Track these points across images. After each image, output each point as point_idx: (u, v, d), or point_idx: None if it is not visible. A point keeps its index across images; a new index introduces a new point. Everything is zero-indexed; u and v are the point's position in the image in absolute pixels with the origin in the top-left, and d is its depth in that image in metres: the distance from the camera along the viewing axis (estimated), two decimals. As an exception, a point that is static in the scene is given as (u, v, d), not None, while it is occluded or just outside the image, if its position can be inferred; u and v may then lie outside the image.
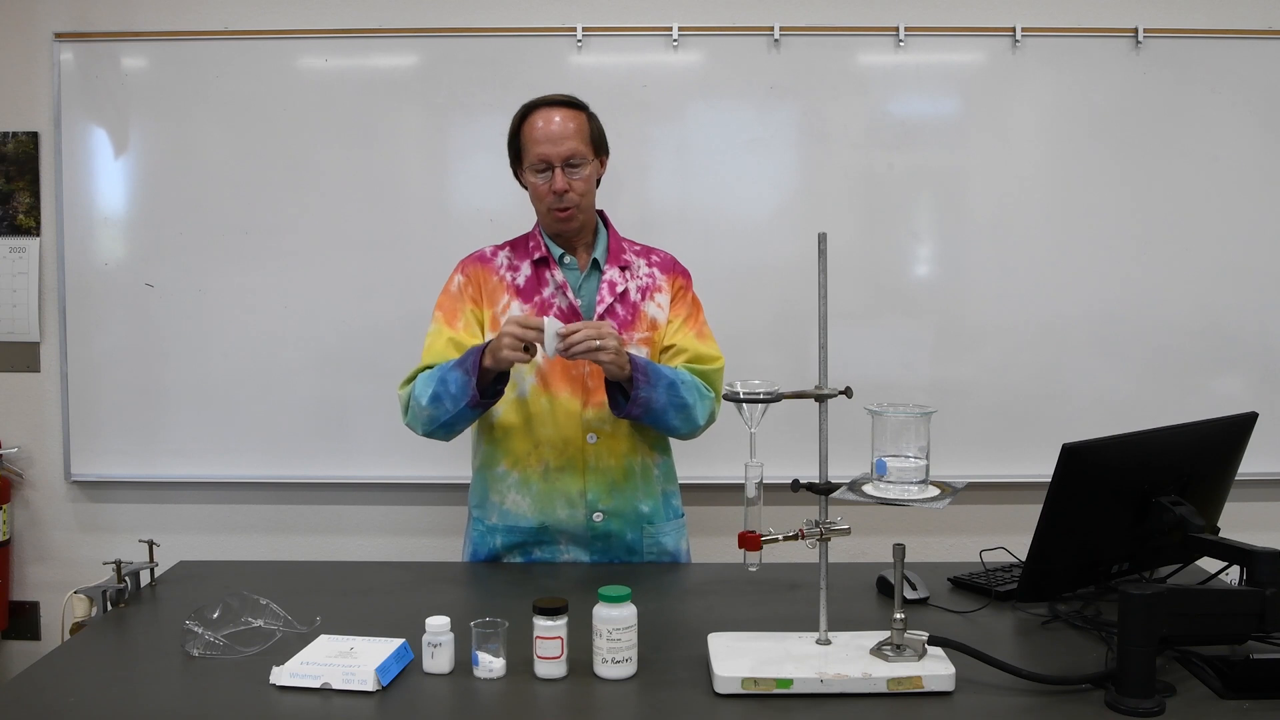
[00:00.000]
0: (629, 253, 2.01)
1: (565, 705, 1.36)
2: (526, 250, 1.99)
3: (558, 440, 1.92)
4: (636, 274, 1.99)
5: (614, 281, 1.96)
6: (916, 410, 1.42)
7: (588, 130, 1.93)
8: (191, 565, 1.97)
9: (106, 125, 2.81)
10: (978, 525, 2.73)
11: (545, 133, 1.89)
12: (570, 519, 1.93)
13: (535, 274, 1.96)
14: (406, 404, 1.91)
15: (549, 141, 1.88)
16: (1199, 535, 1.61)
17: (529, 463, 1.93)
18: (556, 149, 1.88)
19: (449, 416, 1.84)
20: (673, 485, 2.05)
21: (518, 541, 1.96)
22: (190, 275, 2.83)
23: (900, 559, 1.44)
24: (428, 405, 1.85)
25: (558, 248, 1.97)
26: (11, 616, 2.94)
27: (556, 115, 1.90)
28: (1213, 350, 2.82)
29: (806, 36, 2.77)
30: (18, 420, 2.92)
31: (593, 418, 1.91)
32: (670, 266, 2.04)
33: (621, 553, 1.96)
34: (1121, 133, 2.78)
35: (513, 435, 1.94)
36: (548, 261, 1.96)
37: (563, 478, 1.92)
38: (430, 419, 1.86)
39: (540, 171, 1.90)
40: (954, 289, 2.82)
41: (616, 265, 1.98)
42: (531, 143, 1.90)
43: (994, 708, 1.32)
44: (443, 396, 1.83)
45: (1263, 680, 1.34)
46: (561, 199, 1.89)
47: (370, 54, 2.79)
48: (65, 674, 1.46)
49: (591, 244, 2.00)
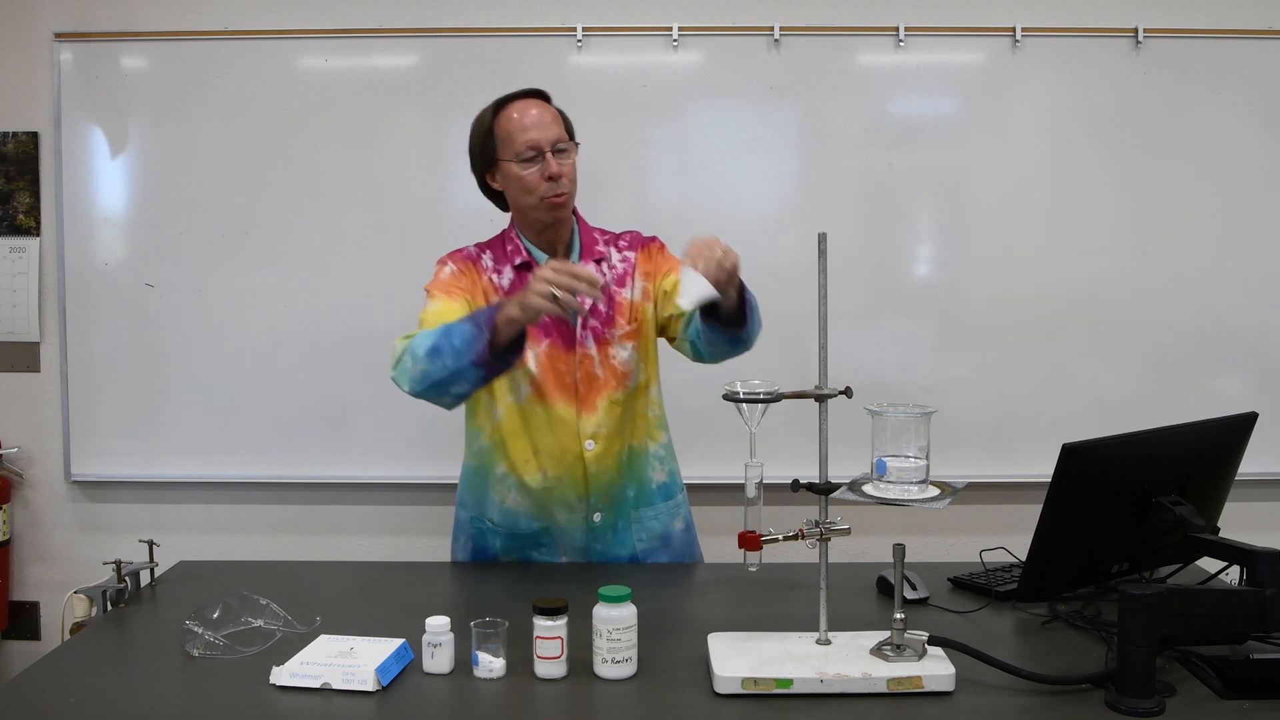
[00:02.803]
0: (600, 243, 1.98)
1: (565, 705, 1.36)
2: (505, 254, 1.94)
3: (555, 449, 1.90)
4: (612, 264, 1.96)
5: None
6: (916, 410, 1.42)
7: (562, 119, 1.91)
8: (191, 565, 1.97)
9: (106, 125, 2.81)
10: (978, 525, 2.73)
11: (530, 120, 1.86)
12: (570, 522, 1.93)
13: (518, 278, 1.91)
14: (400, 356, 1.75)
15: (536, 128, 1.85)
16: (1199, 535, 1.61)
17: (528, 469, 1.91)
18: (545, 134, 1.85)
19: (444, 373, 1.66)
20: (669, 466, 2.01)
21: (517, 543, 1.96)
22: (190, 275, 2.83)
23: (900, 559, 1.44)
24: (424, 357, 1.68)
25: (539, 251, 1.93)
26: (11, 616, 2.94)
27: (534, 106, 1.88)
28: (1213, 350, 2.82)
29: (806, 36, 2.77)
30: (18, 420, 2.92)
31: (588, 424, 1.90)
32: (639, 241, 2.01)
33: (613, 544, 1.95)
34: (1121, 133, 2.78)
35: (510, 441, 1.91)
36: (529, 265, 1.91)
37: (562, 485, 1.91)
38: (423, 375, 1.69)
39: (529, 160, 1.85)
40: (954, 289, 2.82)
41: (591, 260, 1.95)
42: (517, 131, 1.86)
43: (994, 708, 1.32)
44: (443, 349, 1.66)
45: (1263, 680, 1.34)
46: (557, 184, 1.85)
47: (370, 54, 2.79)
48: (65, 674, 1.46)
49: (569, 242, 1.96)
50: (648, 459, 1.98)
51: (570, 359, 1.89)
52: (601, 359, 1.90)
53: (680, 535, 2.03)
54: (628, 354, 1.92)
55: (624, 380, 1.92)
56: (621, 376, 1.92)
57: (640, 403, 1.96)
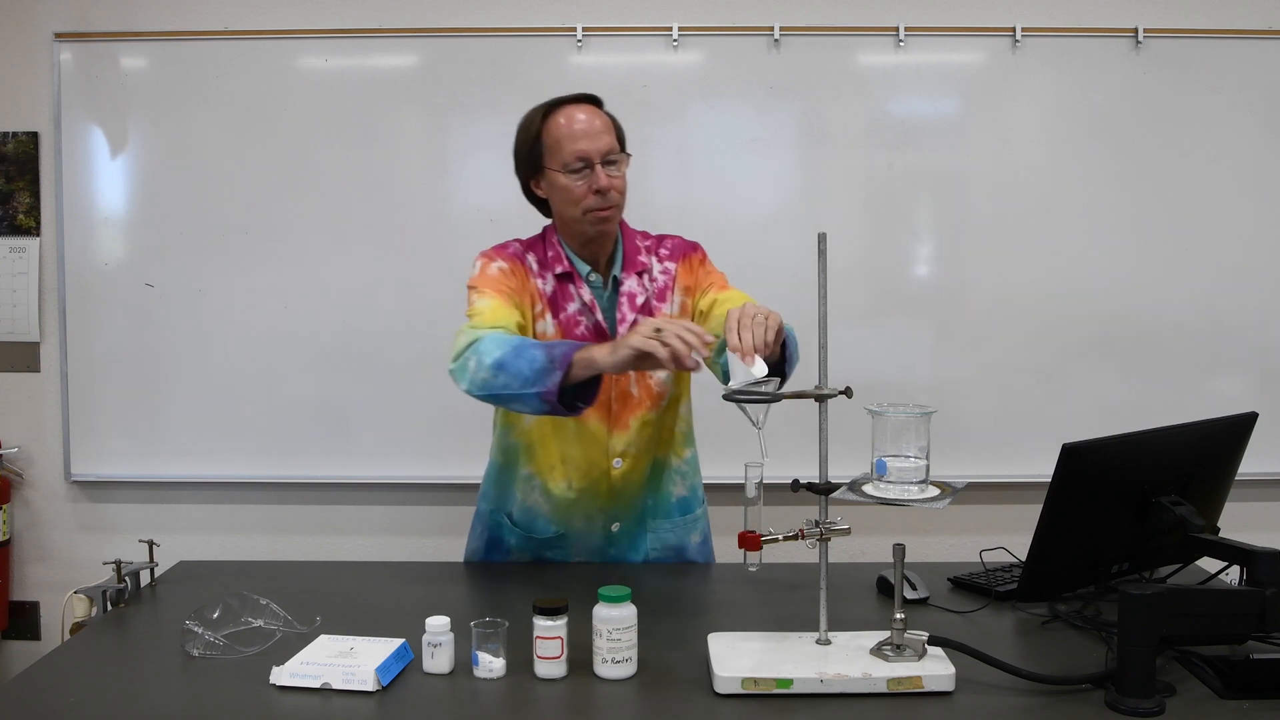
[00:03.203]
0: (643, 252, 1.90)
1: (565, 705, 1.36)
2: (546, 259, 1.85)
3: (583, 463, 1.86)
4: (653, 277, 1.89)
5: (633, 293, 1.86)
6: (916, 410, 1.42)
7: (614, 127, 1.83)
8: (191, 565, 1.97)
9: (106, 125, 2.81)
10: (978, 525, 2.73)
11: (580, 128, 1.77)
12: (588, 529, 1.92)
13: (559, 287, 1.84)
14: (462, 351, 1.65)
15: (586, 137, 1.76)
16: (1199, 535, 1.61)
17: (553, 476, 1.88)
18: (595, 144, 1.76)
19: (506, 391, 1.59)
20: (690, 480, 1.99)
21: (533, 545, 1.94)
22: (190, 275, 2.83)
23: (900, 559, 1.44)
24: (489, 367, 1.60)
25: (583, 264, 1.85)
26: (11, 616, 2.94)
27: (585, 111, 1.79)
28: (1213, 350, 2.82)
29: (806, 36, 2.77)
30: (18, 420, 2.92)
31: (619, 442, 1.86)
32: (680, 251, 1.94)
33: (627, 550, 1.95)
34: (1121, 133, 2.78)
35: (538, 446, 1.87)
36: (572, 276, 1.84)
37: (585, 498, 1.89)
38: (484, 383, 1.61)
39: (577, 171, 1.76)
40: (954, 289, 2.82)
41: (634, 273, 1.87)
42: (566, 139, 1.77)
43: (994, 708, 1.32)
44: (509, 368, 1.58)
45: (1263, 680, 1.34)
46: (605, 197, 1.77)
47: (370, 54, 2.79)
48: (65, 674, 1.46)
49: (612, 255, 1.88)
50: (669, 473, 1.96)
51: (606, 376, 1.79)
52: (638, 377, 1.85)
53: (696, 548, 2.01)
54: (665, 374, 1.86)
55: (658, 400, 1.87)
56: (656, 397, 1.87)
57: (669, 418, 1.92)
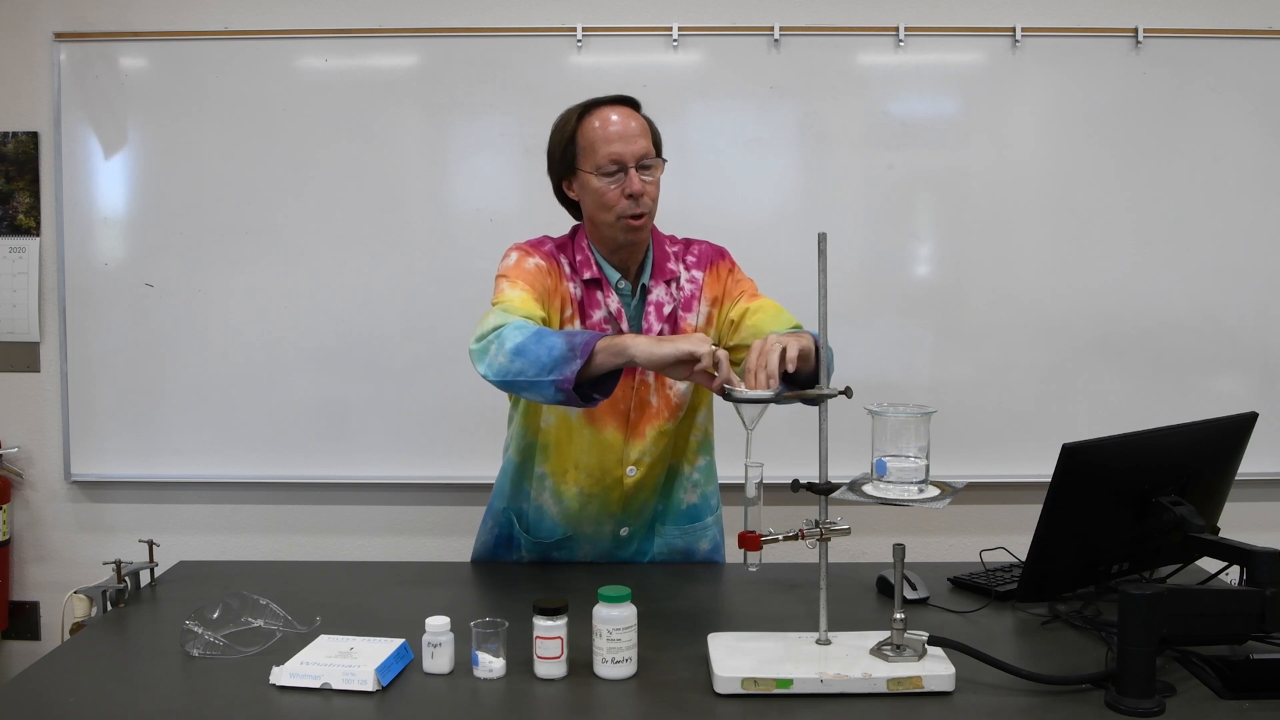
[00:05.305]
0: (672, 259, 1.86)
1: (565, 705, 1.36)
2: (575, 263, 1.82)
3: (596, 469, 1.85)
4: (680, 286, 1.85)
5: (660, 303, 1.82)
6: (916, 410, 1.42)
7: (650, 131, 1.79)
8: (191, 565, 1.97)
9: (106, 125, 2.81)
10: (978, 525, 2.73)
11: (616, 131, 1.73)
12: (597, 533, 1.92)
13: (587, 293, 1.80)
14: (487, 334, 1.61)
15: (622, 140, 1.72)
16: (1199, 535, 1.61)
17: (565, 480, 1.87)
18: (630, 148, 1.72)
19: (522, 378, 1.55)
20: (702, 489, 1.96)
21: (541, 547, 1.94)
22: (190, 275, 2.83)
23: (900, 559, 1.44)
24: (509, 352, 1.56)
25: (613, 271, 1.81)
26: (11, 616, 2.94)
27: (621, 113, 1.76)
28: (1213, 350, 2.82)
29: (806, 36, 2.77)
30: (18, 420, 2.92)
31: (634, 451, 1.84)
32: (708, 258, 1.89)
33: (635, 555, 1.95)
34: (1121, 133, 2.78)
35: (553, 449, 1.86)
36: (600, 283, 1.81)
37: (594, 503, 1.88)
38: (502, 369, 1.57)
39: (610, 174, 1.73)
40: (954, 289, 2.82)
41: (662, 281, 1.83)
42: (601, 142, 1.73)
43: (994, 708, 1.32)
44: (527, 352, 1.54)
45: (1263, 680, 1.34)
46: (637, 203, 1.73)
47: (370, 54, 2.79)
48: (65, 674, 1.46)
49: (642, 262, 1.84)
50: (680, 481, 1.94)
51: (626, 384, 1.78)
52: (657, 387, 1.83)
53: (704, 554, 1.99)
54: (685, 385, 1.84)
55: (676, 411, 1.85)
56: (675, 408, 1.84)
57: (685, 428, 1.90)
